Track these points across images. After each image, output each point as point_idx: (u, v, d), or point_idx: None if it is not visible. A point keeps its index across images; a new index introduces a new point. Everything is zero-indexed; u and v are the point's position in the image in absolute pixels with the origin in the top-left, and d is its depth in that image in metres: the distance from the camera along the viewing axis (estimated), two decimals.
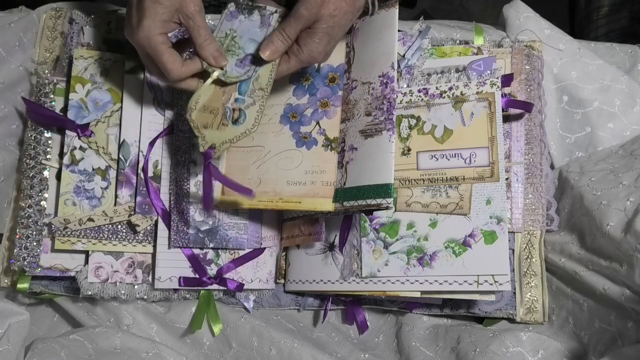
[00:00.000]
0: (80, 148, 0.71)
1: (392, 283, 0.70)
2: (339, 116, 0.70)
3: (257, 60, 0.64)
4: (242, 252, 0.74)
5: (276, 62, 0.64)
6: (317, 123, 0.70)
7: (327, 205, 0.67)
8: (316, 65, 0.72)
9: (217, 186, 0.72)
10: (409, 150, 0.71)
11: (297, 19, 0.61)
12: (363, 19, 0.71)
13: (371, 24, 0.70)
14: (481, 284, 0.66)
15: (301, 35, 0.63)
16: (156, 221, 0.71)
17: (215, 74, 0.63)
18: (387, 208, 0.63)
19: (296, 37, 0.63)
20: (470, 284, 0.67)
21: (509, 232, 0.71)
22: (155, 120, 0.73)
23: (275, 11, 0.66)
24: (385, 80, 0.66)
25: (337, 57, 0.72)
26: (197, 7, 0.60)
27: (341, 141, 0.68)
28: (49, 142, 0.72)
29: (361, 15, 0.68)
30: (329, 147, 0.69)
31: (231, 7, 0.66)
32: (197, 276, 0.71)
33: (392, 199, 0.62)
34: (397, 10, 0.68)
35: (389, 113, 0.65)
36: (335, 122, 0.70)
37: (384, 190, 0.63)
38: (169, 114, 0.73)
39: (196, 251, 0.72)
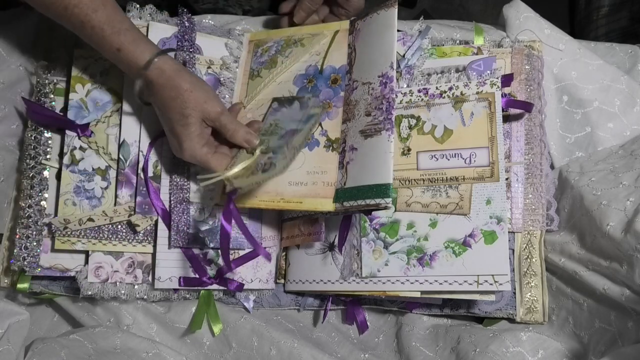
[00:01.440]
0: (80, 148, 0.71)
1: (392, 283, 0.70)
2: (340, 117, 0.70)
3: (294, 132, 0.68)
4: (242, 252, 0.74)
5: (309, 138, 0.70)
6: (320, 124, 0.70)
7: (327, 205, 0.67)
8: (319, 67, 0.73)
9: (218, 185, 0.72)
10: (409, 150, 0.71)
11: None
12: (364, 19, 0.71)
13: (371, 24, 0.70)
14: (481, 284, 0.66)
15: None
16: (156, 221, 0.71)
17: (257, 152, 0.67)
18: (385, 208, 0.63)
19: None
20: (470, 284, 0.67)
21: (509, 232, 0.71)
22: (155, 120, 0.73)
23: (311, 97, 0.72)
24: (384, 80, 0.67)
25: (340, 58, 0.72)
26: (217, 110, 0.66)
27: (342, 142, 0.69)
28: (49, 142, 0.72)
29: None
30: (331, 148, 0.69)
31: (274, 104, 0.73)
32: (197, 276, 0.71)
33: (390, 199, 0.62)
34: (397, 10, 0.68)
35: (387, 113, 0.65)
36: (337, 123, 0.70)
37: (382, 190, 0.62)
38: None
39: (196, 251, 0.72)
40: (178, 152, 0.67)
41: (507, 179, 0.73)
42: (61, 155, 0.72)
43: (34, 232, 0.69)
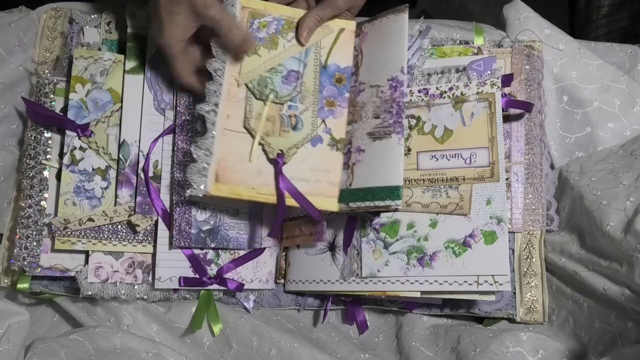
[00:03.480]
0: (80, 148, 0.71)
1: (392, 283, 0.70)
2: (345, 117, 0.70)
3: (299, 73, 0.70)
4: (242, 252, 0.74)
5: (318, 71, 0.70)
6: (323, 121, 0.70)
7: (332, 205, 0.68)
8: (323, 61, 0.72)
9: (211, 172, 0.67)
10: (409, 150, 0.71)
11: (335, 9, 0.70)
12: (372, 23, 0.71)
13: (381, 28, 0.70)
14: (481, 284, 0.66)
15: None
16: (156, 221, 0.71)
17: (271, 98, 0.69)
18: (396, 210, 0.64)
19: None
20: (470, 284, 0.67)
21: (509, 232, 0.71)
22: (155, 120, 0.73)
23: None
24: (394, 84, 0.67)
25: (345, 59, 0.72)
26: (209, 2, 0.61)
27: (347, 142, 0.69)
28: (49, 142, 0.72)
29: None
30: (335, 147, 0.69)
31: None
32: (197, 276, 0.71)
33: (401, 201, 0.63)
34: (407, 15, 0.69)
35: (398, 116, 0.66)
36: (342, 123, 0.70)
37: (393, 192, 0.64)
38: (169, 113, 0.73)
39: (196, 251, 0.72)
40: (157, 36, 0.64)
41: (507, 179, 0.73)
42: (61, 155, 0.72)
43: (34, 232, 0.69)
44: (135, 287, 0.71)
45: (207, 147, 0.67)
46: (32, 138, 0.72)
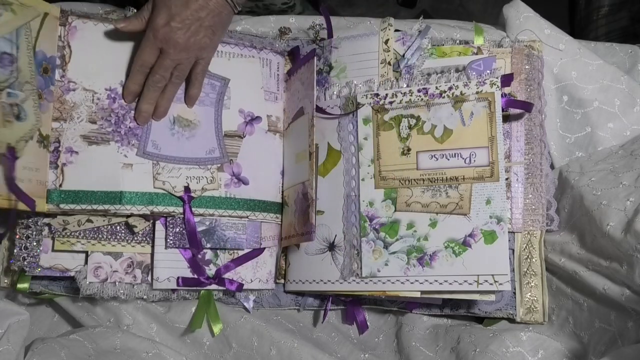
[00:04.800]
0: None
1: (392, 283, 0.70)
2: (51, 112, 0.68)
3: (13, 57, 0.63)
4: (241, 252, 0.74)
5: (32, 57, 0.64)
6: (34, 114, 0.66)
7: (40, 205, 0.65)
8: (31, 47, 0.66)
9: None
10: (409, 150, 0.71)
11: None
12: (84, 22, 0.70)
13: (96, 32, 0.70)
14: (481, 284, 0.66)
15: None
16: (154, 222, 0.71)
17: None
18: (115, 215, 0.66)
19: None
20: (470, 284, 0.67)
21: (509, 232, 0.71)
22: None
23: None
24: (113, 95, 0.69)
25: (51, 47, 0.68)
26: None
27: (54, 140, 0.68)
28: None
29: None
30: (42, 145, 0.66)
31: None
32: (196, 276, 0.71)
33: (123, 206, 0.65)
34: (126, 28, 0.67)
35: (117, 126, 0.68)
36: (49, 119, 0.67)
37: (113, 197, 0.67)
38: None
39: (194, 251, 0.72)
40: None
41: (507, 179, 0.73)
42: None
43: (34, 232, 0.69)
44: (135, 287, 0.71)
45: None
46: None
